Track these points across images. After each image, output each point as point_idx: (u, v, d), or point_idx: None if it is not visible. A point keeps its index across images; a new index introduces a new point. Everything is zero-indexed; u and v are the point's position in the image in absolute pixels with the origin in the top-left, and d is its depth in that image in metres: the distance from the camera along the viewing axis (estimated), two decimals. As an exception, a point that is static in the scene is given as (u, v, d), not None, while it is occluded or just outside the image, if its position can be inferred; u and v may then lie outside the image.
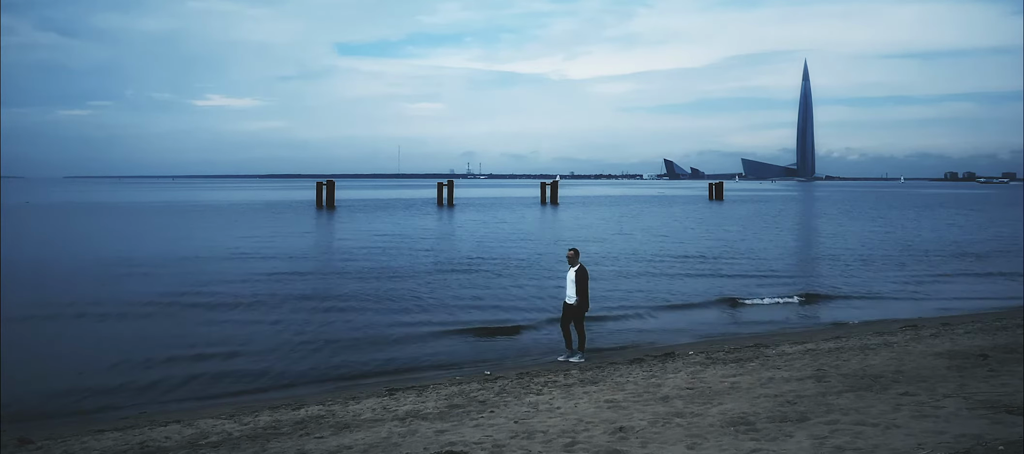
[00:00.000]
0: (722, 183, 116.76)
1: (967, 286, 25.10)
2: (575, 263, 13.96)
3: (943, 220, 61.75)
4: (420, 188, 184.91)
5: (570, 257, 14.11)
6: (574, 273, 13.88)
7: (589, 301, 14.05)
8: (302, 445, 8.67)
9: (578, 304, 13.81)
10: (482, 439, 8.38)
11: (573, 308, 13.90)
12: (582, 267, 13.96)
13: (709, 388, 10.48)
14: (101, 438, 9.58)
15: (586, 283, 13.87)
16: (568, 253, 14.27)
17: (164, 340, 16.12)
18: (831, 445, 7.55)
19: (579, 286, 13.77)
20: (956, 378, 10.36)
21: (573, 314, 13.96)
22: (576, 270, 13.87)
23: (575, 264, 13.95)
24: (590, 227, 51.28)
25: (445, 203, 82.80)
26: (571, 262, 14.04)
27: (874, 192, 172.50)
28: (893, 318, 18.72)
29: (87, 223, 57.83)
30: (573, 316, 13.97)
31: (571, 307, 13.92)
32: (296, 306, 20.14)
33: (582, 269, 13.91)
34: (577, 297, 13.78)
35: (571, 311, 13.96)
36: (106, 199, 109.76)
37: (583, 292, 13.77)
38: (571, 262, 14.04)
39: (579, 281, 13.79)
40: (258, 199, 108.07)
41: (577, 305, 13.83)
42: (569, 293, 13.95)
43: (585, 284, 13.82)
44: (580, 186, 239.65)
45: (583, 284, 13.79)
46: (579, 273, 13.83)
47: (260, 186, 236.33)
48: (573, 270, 13.92)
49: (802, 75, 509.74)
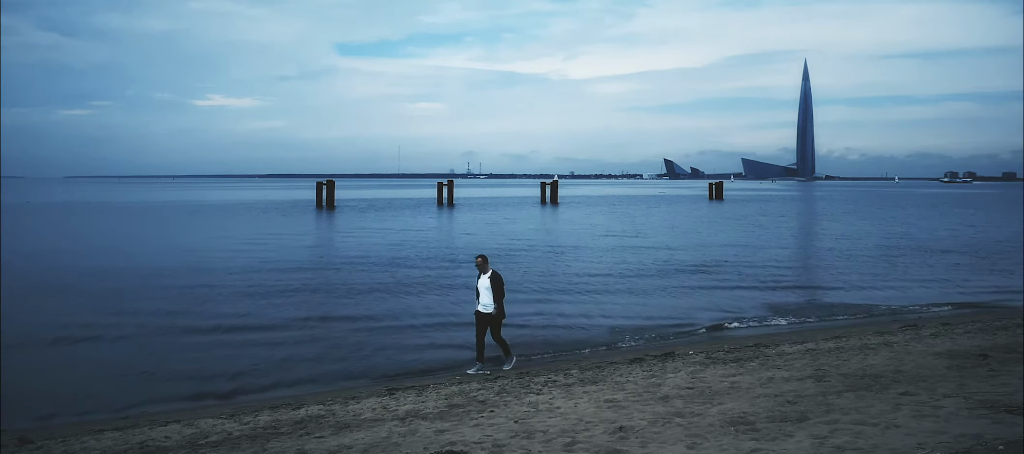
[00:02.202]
0: (722, 183, 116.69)
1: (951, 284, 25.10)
2: (486, 270, 13.29)
3: (891, 219, 61.79)
4: (420, 188, 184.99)
5: (480, 264, 13.41)
6: (488, 280, 13.18)
7: (505, 309, 13.38)
8: (302, 445, 8.67)
9: (495, 312, 13.16)
10: (482, 439, 8.38)
11: (489, 317, 13.19)
12: (496, 273, 13.34)
13: (709, 388, 10.48)
14: (101, 438, 9.58)
15: (502, 290, 13.24)
16: (477, 260, 13.56)
17: (164, 340, 16.12)
18: (831, 445, 7.55)
19: (495, 293, 13.12)
20: (956, 378, 10.37)
21: (489, 323, 13.24)
22: (490, 277, 13.19)
23: (486, 271, 13.27)
24: (593, 227, 51.28)
25: (445, 203, 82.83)
26: (481, 269, 13.33)
27: (867, 192, 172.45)
28: (893, 318, 18.73)
29: (88, 223, 57.83)
30: (489, 325, 13.26)
31: (487, 316, 13.20)
32: (296, 306, 20.15)
33: (496, 275, 13.29)
34: (494, 305, 13.13)
35: (487, 320, 13.23)
36: (106, 199, 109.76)
37: (499, 299, 13.14)
38: (481, 269, 13.33)
39: (495, 288, 13.13)
40: (258, 199, 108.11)
41: (494, 314, 13.17)
42: (484, 302, 13.18)
43: (501, 291, 13.20)
44: (580, 186, 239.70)
45: (499, 291, 13.16)
46: (494, 280, 13.18)
47: (260, 186, 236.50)
48: (486, 277, 13.21)
49: (802, 75, 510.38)
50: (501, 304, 13.22)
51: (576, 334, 17.02)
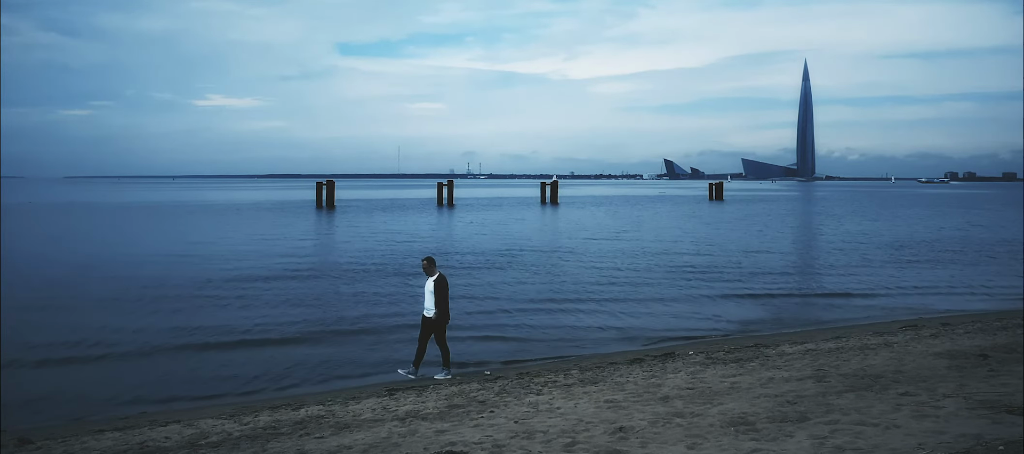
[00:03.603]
0: (722, 183, 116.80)
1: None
2: (432, 272, 12.87)
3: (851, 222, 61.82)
4: (420, 188, 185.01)
5: (426, 266, 12.99)
6: (432, 283, 12.79)
7: (449, 313, 12.97)
8: (302, 445, 8.67)
9: (438, 316, 12.73)
10: (482, 439, 8.38)
11: (433, 321, 12.78)
12: (441, 276, 12.91)
13: (709, 388, 10.48)
14: (101, 438, 9.58)
15: (446, 293, 12.81)
16: (423, 262, 13.13)
17: (164, 340, 16.10)
18: (831, 445, 7.55)
19: (438, 297, 12.70)
20: (956, 378, 10.37)
21: (433, 328, 12.83)
22: (434, 280, 12.79)
23: (432, 273, 12.86)
24: (593, 227, 51.29)
25: (445, 203, 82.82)
26: (427, 271, 12.92)
27: (866, 192, 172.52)
28: (893, 318, 18.73)
29: (89, 223, 57.83)
30: (433, 330, 12.85)
31: (430, 320, 12.79)
32: (296, 306, 20.13)
33: (441, 278, 12.87)
34: (436, 309, 12.72)
35: (431, 325, 12.82)
36: (107, 199, 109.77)
37: (443, 303, 12.73)
38: (427, 271, 12.92)
39: (438, 292, 12.72)
40: (258, 199, 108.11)
41: (437, 318, 12.75)
42: (427, 306, 12.81)
43: (445, 295, 12.78)
44: (580, 186, 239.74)
45: (443, 295, 12.74)
46: (438, 283, 12.76)
47: (260, 186, 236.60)
48: (431, 280, 12.82)
49: (802, 75, 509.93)
50: (444, 308, 12.78)
51: (576, 334, 17.01)
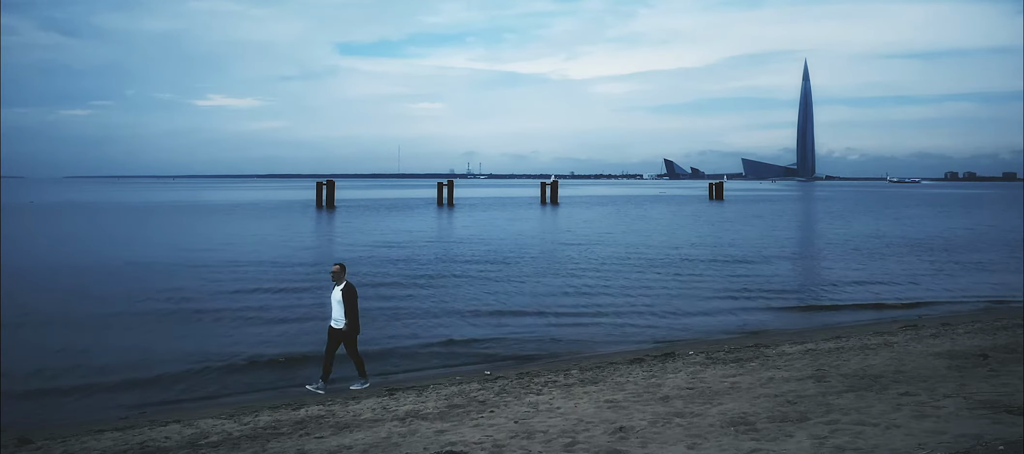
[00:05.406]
0: (722, 183, 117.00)
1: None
2: (341, 280, 12.30)
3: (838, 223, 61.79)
4: (420, 188, 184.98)
5: (335, 274, 12.39)
6: (340, 292, 12.26)
7: (359, 323, 12.38)
8: (302, 445, 8.67)
9: (348, 327, 12.20)
10: (482, 439, 8.38)
11: (341, 332, 12.26)
12: (349, 285, 12.35)
13: (709, 388, 10.48)
14: (101, 438, 9.58)
15: (355, 303, 12.25)
16: (333, 269, 12.50)
17: (164, 340, 16.11)
18: (831, 445, 7.55)
19: (347, 307, 12.17)
20: (956, 378, 10.37)
21: (342, 339, 12.30)
22: (342, 288, 12.25)
23: (340, 281, 12.30)
24: (593, 227, 51.26)
25: (445, 203, 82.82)
26: (336, 279, 12.35)
27: (864, 192, 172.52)
28: (893, 318, 18.72)
29: (89, 223, 57.81)
30: (342, 341, 12.32)
31: (339, 331, 12.27)
32: (295, 306, 20.13)
33: (350, 287, 12.30)
34: (345, 320, 12.18)
35: (339, 336, 12.29)
36: (107, 199, 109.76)
37: (352, 313, 12.19)
38: (336, 279, 12.35)
39: (347, 301, 12.17)
40: (258, 199, 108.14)
41: (346, 329, 12.21)
42: (335, 315, 12.29)
43: (354, 304, 12.22)
44: (580, 186, 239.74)
45: (352, 304, 12.19)
46: (346, 292, 12.21)
47: (260, 186, 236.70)
48: (338, 288, 12.28)
49: (802, 75, 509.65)
50: (354, 319, 12.23)
51: (576, 334, 17.01)
